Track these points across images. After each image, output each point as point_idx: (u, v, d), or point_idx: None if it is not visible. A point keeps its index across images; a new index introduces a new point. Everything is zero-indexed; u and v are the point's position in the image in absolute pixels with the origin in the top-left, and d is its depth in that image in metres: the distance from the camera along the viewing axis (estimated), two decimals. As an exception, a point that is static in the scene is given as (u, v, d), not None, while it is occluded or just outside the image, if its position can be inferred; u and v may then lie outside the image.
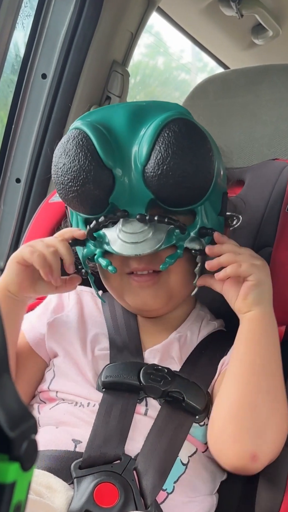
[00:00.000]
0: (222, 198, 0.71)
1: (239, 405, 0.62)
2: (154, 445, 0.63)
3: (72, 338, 0.74)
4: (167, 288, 0.70)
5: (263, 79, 1.07)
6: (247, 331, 0.65)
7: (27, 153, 1.23)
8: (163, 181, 0.63)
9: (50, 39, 1.19)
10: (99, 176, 0.64)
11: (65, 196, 0.67)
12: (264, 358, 0.64)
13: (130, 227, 0.65)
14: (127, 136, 0.65)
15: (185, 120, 0.65)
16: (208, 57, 1.69)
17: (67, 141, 0.65)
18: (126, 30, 1.22)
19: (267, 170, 0.89)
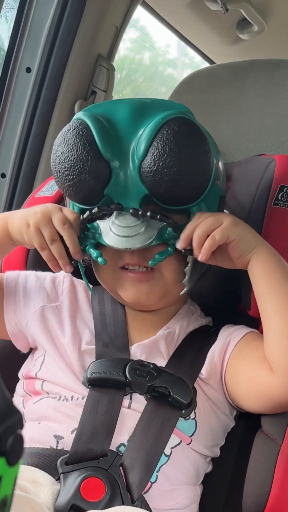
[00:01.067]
0: (219, 201, 0.71)
1: None
2: (141, 440, 0.63)
3: (60, 330, 0.74)
4: (163, 285, 0.71)
5: (248, 74, 1.07)
6: (260, 271, 0.66)
7: (12, 148, 1.21)
8: (158, 177, 0.64)
9: (34, 33, 1.17)
10: (95, 167, 0.64)
11: (62, 185, 0.67)
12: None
13: (122, 220, 0.65)
14: (128, 130, 0.66)
15: (185, 120, 0.66)
16: (194, 52, 1.69)
17: (67, 130, 0.66)
18: (111, 24, 1.21)
19: (253, 165, 0.90)
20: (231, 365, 0.70)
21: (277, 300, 0.65)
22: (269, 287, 0.66)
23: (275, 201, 0.81)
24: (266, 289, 0.66)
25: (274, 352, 0.64)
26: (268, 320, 0.66)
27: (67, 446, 0.63)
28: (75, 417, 0.65)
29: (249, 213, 0.85)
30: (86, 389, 0.68)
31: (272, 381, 0.64)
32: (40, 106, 1.20)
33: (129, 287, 0.71)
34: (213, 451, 0.71)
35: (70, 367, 0.70)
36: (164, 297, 0.73)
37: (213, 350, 0.71)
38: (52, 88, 1.20)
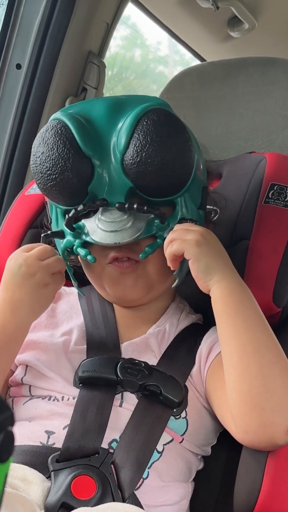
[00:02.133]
0: (202, 191, 0.72)
1: (252, 393, 0.60)
2: (132, 438, 0.63)
3: (42, 341, 0.73)
4: (147, 278, 0.70)
5: (239, 72, 1.07)
6: (219, 312, 0.64)
7: (3, 145, 1.21)
8: (142, 168, 0.64)
9: (25, 29, 1.16)
10: (77, 164, 0.64)
11: (44, 186, 0.66)
12: (250, 334, 0.62)
13: (109, 215, 0.65)
14: (106, 126, 0.66)
15: (163, 110, 0.66)
16: (185, 49, 1.69)
17: (46, 130, 0.66)
18: (102, 20, 1.21)
19: (244, 163, 0.90)
20: (208, 381, 0.69)
21: (233, 353, 0.62)
22: (229, 330, 0.63)
23: (266, 199, 0.81)
24: (226, 333, 0.63)
25: (232, 409, 0.62)
26: (226, 372, 0.63)
27: (58, 441, 0.63)
28: (67, 415, 0.65)
29: (240, 210, 0.85)
30: (76, 389, 0.67)
31: (232, 428, 0.63)
32: (31, 102, 1.19)
33: (116, 282, 0.70)
34: (204, 450, 0.71)
35: (58, 371, 0.70)
36: (150, 290, 0.72)
37: (200, 352, 0.71)
38: (43, 85, 1.19)
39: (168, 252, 0.66)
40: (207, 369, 0.70)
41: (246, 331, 0.62)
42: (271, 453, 0.63)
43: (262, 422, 0.59)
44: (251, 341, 0.61)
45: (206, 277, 0.64)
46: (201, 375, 0.70)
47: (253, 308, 0.64)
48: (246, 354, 0.61)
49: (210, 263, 0.64)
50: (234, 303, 0.63)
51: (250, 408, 0.60)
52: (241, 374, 0.61)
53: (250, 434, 0.61)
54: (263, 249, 0.78)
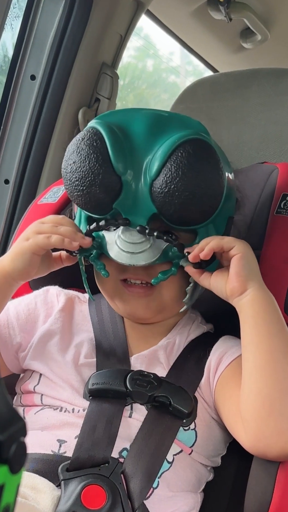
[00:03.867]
0: (227, 222, 0.71)
1: (272, 397, 0.60)
2: (142, 449, 0.63)
3: (55, 352, 0.73)
4: (159, 302, 0.71)
5: (252, 83, 1.08)
6: (252, 316, 0.63)
7: (16, 154, 1.22)
8: (168, 199, 0.63)
9: (39, 40, 1.19)
10: (107, 180, 0.64)
11: (71, 193, 0.67)
12: (279, 339, 0.62)
13: (129, 236, 0.65)
14: (143, 145, 0.65)
15: (201, 142, 0.64)
16: (197, 60, 1.70)
17: (82, 138, 0.65)
18: (116, 32, 1.22)
19: (256, 173, 0.90)
20: (217, 392, 0.69)
21: (261, 356, 0.62)
22: (261, 334, 0.63)
23: (278, 209, 0.81)
24: (254, 339, 0.63)
25: (246, 413, 0.62)
26: (246, 375, 0.63)
27: (70, 450, 0.63)
28: (78, 425, 0.65)
29: (251, 221, 0.85)
30: (86, 402, 0.68)
31: (242, 436, 0.63)
32: (44, 113, 1.21)
33: (128, 300, 0.71)
34: (214, 461, 0.71)
35: (69, 383, 0.70)
36: (161, 312, 0.72)
37: (209, 363, 0.71)
38: (56, 96, 1.21)
39: (215, 242, 0.64)
40: (216, 379, 0.69)
41: (275, 337, 0.62)
42: (282, 464, 0.62)
43: (277, 429, 0.59)
44: (279, 348, 0.62)
45: (247, 276, 0.64)
46: (210, 386, 0.70)
47: (282, 319, 0.65)
48: (272, 358, 0.61)
49: (254, 265, 0.65)
50: (270, 309, 0.64)
51: (267, 412, 0.59)
52: (264, 377, 0.61)
53: (262, 441, 0.60)
54: (275, 259, 0.77)
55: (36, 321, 0.76)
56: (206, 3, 1.35)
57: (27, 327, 0.76)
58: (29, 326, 0.76)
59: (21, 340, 0.75)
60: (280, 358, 0.61)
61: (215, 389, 0.69)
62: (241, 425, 0.63)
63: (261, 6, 1.40)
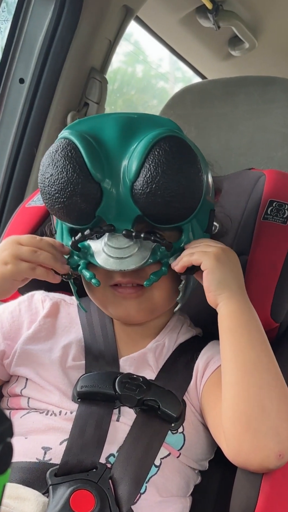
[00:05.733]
0: (209, 215, 0.71)
1: (248, 414, 0.60)
2: (130, 454, 0.63)
3: (41, 355, 0.72)
4: (151, 302, 0.71)
5: (240, 90, 1.09)
6: (225, 330, 0.64)
7: (4, 157, 1.22)
8: (151, 199, 0.63)
9: (28, 44, 1.18)
10: (86, 189, 0.63)
11: (51, 207, 0.66)
12: (253, 354, 0.62)
13: (115, 241, 0.65)
14: (117, 149, 0.64)
15: (176, 138, 0.64)
16: (186, 66, 1.71)
17: (55, 151, 0.64)
18: (105, 37, 1.22)
19: (243, 179, 0.91)
20: (203, 398, 0.69)
21: (235, 371, 0.62)
22: (233, 349, 0.62)
23: (265, 215, 0.82)
24: (230, 351, 0.63)
25: (226, 427, 0.62)
26: (224, 389, 0.63)
27: (55, 457, 0.63)
28: (64, 430, 0.65)
29: (239, 226, 0.86)
30: (74, 404, 0.67)
31: (224, 448, 0.63)
32: (33, 116, 1.21)
33: (119, 303, 0.70)
34: (202, 465, 0.71)
35: (56, 385, 0.69)
36: (153, 312, 0.73)
37: (196, 368, 0.71)
38: (45, 99, 1.20)
39: (185, 260, 0.65)
40: (203, 385, 0.70)
41: (250, 351, 0.62)
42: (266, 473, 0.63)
43: (255, 444, 0.59)
44: (254, 362, 0.62)
45: (216, 291, 0.64)
46: (197, 391, 0.70)
47: (258, 330, 0.64)
48: (247, 374, 0.61)
49: (224, 278, 0.64)
50: (240, 322, 0.63)
51: (244, 428, 0.59)
52: (240, 393, 0.61)
53: (242, 456, 0.60)
54: (262, 265, 0.78)
55: (20, 328, 0.76)
56: (194, 11, 1.37)
57: (11, 335, 0.75)
58: (13, 334, 0.75)
59: (5, 348, 0.74)
60: (253, 372, 0.61)
61: (201, 394, 0.69)
62: (223, 436, 0.63)
63: (249, 15, 1.42)
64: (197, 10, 1.36)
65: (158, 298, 0.70)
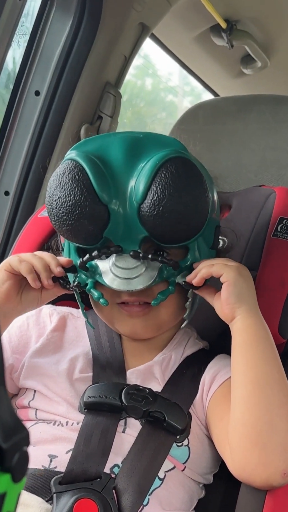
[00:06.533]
0: (215, 231, 0.72)
1: (257, 429, 0.60)
2: (134, 464, 0.63)
3: (48, 367, 0.73)
4: (157, 320, 0.71)
5: (252, 108, 1.11)
6: (239, 344, 0.64)
7: (17, 166, 1.23)
8: (158, 221, 0.63)
9: (45, 58, 1.21)
10: (94, 211, 0.63)
11: (59, 228, 0.66)
12: (266, 369, 0.63)
13: (123, 262, 0.65)
14: (124, 170, 0.65)
15: (182, 159, 0.64)
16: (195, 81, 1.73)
17: (62, 173, 0.64)
18: (120, 53, 1.25)
19: (254, 196, 0.92)
20: (209, 411, 0.70)
21: (247, 386, 0.62)
22: (246, 363, 0.63)
23: (275, 232, 0.83)
24: (242, 365, 0.64)
25: (233, 441, 0.62)
26: (233, 403, 0.63)
27: (60, 465, 0.63)
28: (71, 440, 0.65)
29: (248, 242, 0.86)
30: (81, 415, 0.68)
31: (228, 462, 0.64)
32: (47, 128, 1.23)
33: (126, 320, 0.71)
34: (206, 478, 0.71)
35: (63, 397, 0.70)
36: (160, 329, 0.73)
37: (203, 381, 0.72)
38: (60, 112, 1.22)
39: (204, 271, 0.65)
40: (209, 398, 0.70)
41: (262, 366, 0.63)
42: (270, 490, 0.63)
43: (261, 460, 0.59)
44: (266, 377, 0.62)
45: (235, 303, 0.64)
46: (203, 404, 0.70)
47: (271, 346, 0.65)
48: (258, 388, 0.62)
49: (244, 291, 0.65)
50: (255, 337, 0.64)
51: (252, 443, 0.60)
52: (249, 408, 0.61)
53: (247, 471, 0.61)
54: (271, 281, 0.79)
55: (29, 342, 0.77)
56: (209, 30, 1.39)
57: (20, 349, 0.76)
58: (21, 348, 0.76)
59: (13, 361, 0.75)
60: (265, 388, 0.61)
61: (208, 408, 0.70)
62: (228, 450, 0.63)
63: (262, 35, 1.45)
64: (212, 29, 1.38)
65: (165, 316, 0.71)
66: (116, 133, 0.68)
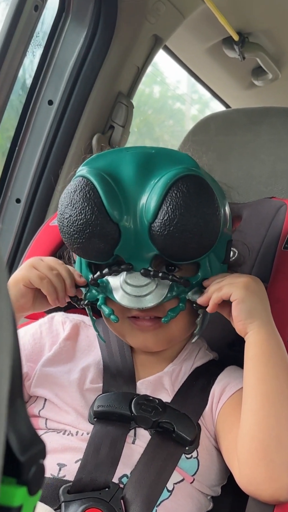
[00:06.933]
0: (227, 246, 0.71)
1: (265, 443, 0.60)
2: (143, 475, 0.63)
3: (59, 376, 0.73)
4: (168, 334, 0.71)
5: (263, 120, 1.11)
6: (251, 358, 0.64)
7: (29, 174, 1.25)
8: (169, 240, 0.63)
9: (59, 68, 1.22)
10: (105, 230, 0.63)
11: (70, 245, 0.67)
12: (276, 384, 0.62)
13: (134, 280, 0.65)
14: (135, 187, 0.65)
15: (193, 178, 0.64)
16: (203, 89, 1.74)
17: (73, 191, 0.64)
18: (133, 64, 1.26)
19: (264, 208, 0.92)
20: (218, 423, 0.69)
21: (257, 400, 0.62)
22: (257, 377, 0.63)
23: (286, 244, 0.83)
24: (253, 379, 0.63)
25: (241, 454, 0.62)
26: (243, 417, 0.63)
27: (69, 474, 0.63)
28: (80, 449, 0.65)
29: (258, 254, 0.86)
30: (90, 425, 0.68)
31: (236, 475, 0.64)
32: (59, 136, 1.24)
33: (137, 334, 0.71)
34: (215, 490, 0.71)
35: (73, 407, 0.70)
36: (170, 342, 0.74)
37: (213, 392, 0.72)
38: (72, 121, 1.24)
39: (215, 297, 0.65)
40: (218, 410, 0.70)
41: (274, 381, 0.63)
42: None
43: (268, 475, 0.59)
44: (276, 392, 0.62)
45: (247, 320, 0.64)
46: (212, 416, 0.70)
47: (284, 360, 0.65)
48: (268, 403, 0.62)
49: (254, 307, 0.65)
50: (268, 352, 0.64)
51: (260, 457, 0.60)
52: (259, 422, 0.61)
53: (254, 485, 0.61)
54: (281, 293, 0.79)
55: (42, 350, 0.77)
56: (221, 42, 1.40)
57: (33, 357, 0.76)
58: (34, 356, 0.77)
59: (27, 370, 0.75)
60: (275, 403, 0.61)
61: (217, 419, 0.70)
62: (237, 463, 0.63)
63: (274, 47, 1.46)
64: (224, 41, 1.39)
65: (175, 330, 0.71)
66: (128, 148, 0.68)
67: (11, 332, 0.26)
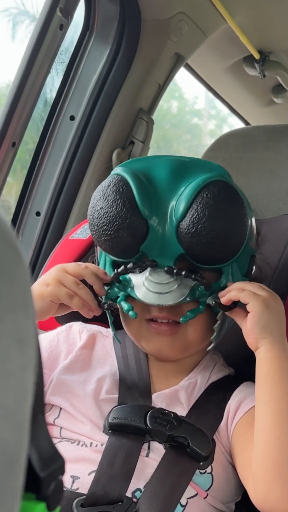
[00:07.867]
0: (250, 260, 0.73)
1: (279, 462, 0.60)
2: (157, 490, 0.63)
3: (75, 386, 0.74)
4: (184, 340, 0.72)
5: (282, 138, 1.12)
6: (262, 375, 0.64)
7: (49, 188, 1.27)
8: (195, 239, 0.65)
9: (82, 84, 1.25)
10: (133, 224, 0.66)
11: (98, 238, 0.69)
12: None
13: (156, 276, 0.66)
14: (167, 190, 0.67)
15: (225, 183, 0.67)
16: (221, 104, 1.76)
17: (107, 185, 0.67)
18: (155, 81, 1.28)
19: (283, 224, 0.92)
20: (234, 439, 0.69)
21: (270, 418, 0.62)
22: (269, 395, 0.63)
23: (304, 261, 0.83)
24: (265, 396, 0.64)
25: (255, 473, 0.62)
26: (256, 435, 0.63)
27: (82, 487, 0.63)
28: (94, 461, 0.65)
29: (276, 270, 0.86)
30: (105, 436, 0.68)
31: (251, 492, 0.63)
32: (80, 151, 1.26)
33: (152, 338, 0.72)
34: (229, 507, 0.71)
35: (88, 417, 0.71)
36: (186, 350, 0.73)
37: (228, 408, 0.71)
38: (93, 136, 1.26)
39: (233, 294, 0.66)
40: (234, 426, 0.70)
41: (285, 399, 0.62)
42: None
43: (283, 494, 0.59)
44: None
45: (260, 334, 0.65)
46: (228, 431, 0.70)
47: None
48: (280, 421, 0.61)
49: (269, 323, 0.65)
50: (279, 369, 0.64)
51: (274, 475, 0.59)
52: (272, 440, 0.61)
53: (269, 504, 0.60)
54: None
55: (58, 358, 0.78)
56: (242, 60, 1.41)
57: (49, 364, 0.77)
58: (50, 363, 0.77)
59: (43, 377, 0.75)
60: (286, 420, 0.61)
61: (232, 435, 0.69)
62: (251, 481, 0.63)
63: (294, 65, 1.46)
64: (245, 59, 1.40)
65: (192, 336, 0.71)
66: (163, 156, 0.71)
67: (35, 349, 0.26)
